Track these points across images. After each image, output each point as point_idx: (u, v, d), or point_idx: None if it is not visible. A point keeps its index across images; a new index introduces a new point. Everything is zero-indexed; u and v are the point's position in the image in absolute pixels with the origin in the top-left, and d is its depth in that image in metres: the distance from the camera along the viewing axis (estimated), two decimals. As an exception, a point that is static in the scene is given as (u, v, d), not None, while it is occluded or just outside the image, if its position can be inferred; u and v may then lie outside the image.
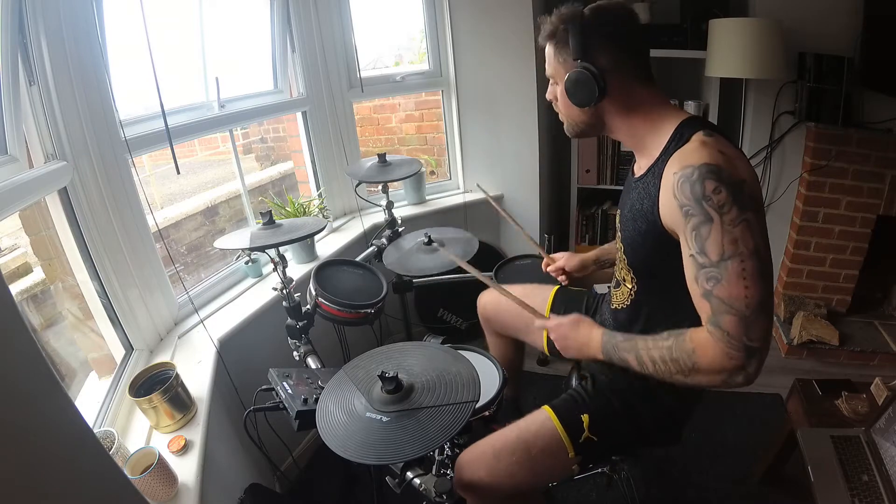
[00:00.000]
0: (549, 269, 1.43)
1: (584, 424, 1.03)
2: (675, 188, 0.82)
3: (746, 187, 0.79)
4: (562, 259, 1.41)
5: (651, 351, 0.89)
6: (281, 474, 1.59)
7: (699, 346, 0.82)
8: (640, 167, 0.97)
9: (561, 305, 1.37)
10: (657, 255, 0.92)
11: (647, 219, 0.91)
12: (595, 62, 0.88)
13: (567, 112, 0.99)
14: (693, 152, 0.82)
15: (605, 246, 1.41)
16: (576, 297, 1.39)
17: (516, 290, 1.48)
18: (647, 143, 0.94)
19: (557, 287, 1.42)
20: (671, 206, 0.83)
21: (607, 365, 1.12)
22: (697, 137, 0.84)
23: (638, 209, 0.93)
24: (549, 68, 0.98)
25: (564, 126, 1.03)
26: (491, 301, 1.51)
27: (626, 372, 1.08)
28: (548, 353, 1.41)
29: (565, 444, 1.03)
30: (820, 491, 1.18)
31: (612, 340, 0.96)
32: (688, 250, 0.83)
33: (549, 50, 0.96)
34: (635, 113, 0.93)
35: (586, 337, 1.01)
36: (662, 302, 1.00)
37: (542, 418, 1.07)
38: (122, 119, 1.29)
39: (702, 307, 0.83)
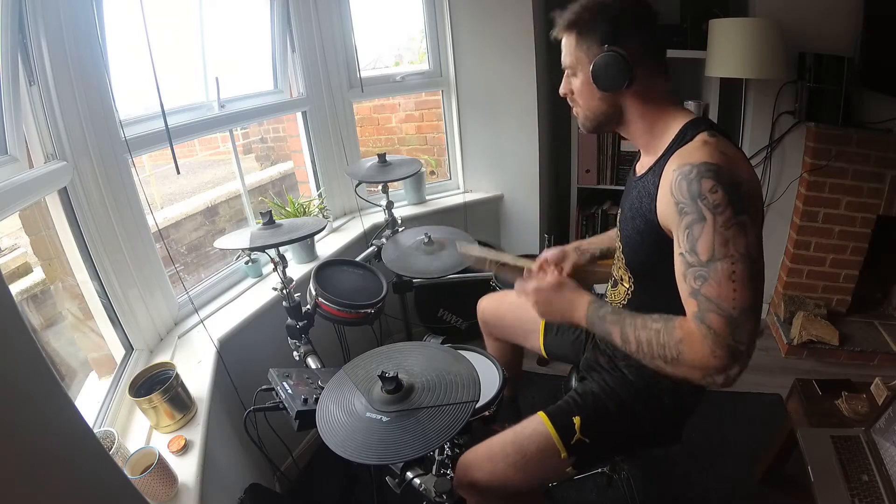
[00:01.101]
0: (536, 266, 1.33)
1: (576, 427, 1.04)
2: (673, 185, 0.82)
3: (745, 189, 0.78)
4: (542, 255, 1.33)
5: (638, 330, 0.86)
6: (281, 474, 1.59)
7: (687, 336, 0.80)
8: (643, 165, 0.97)
9: None
10: (655, 254, 0.92)
11: (644, 217, 0.91)
12: (624, 48, 0.87)
13: (586, 103, 0.96)
14: (694, 151, 0.82)
15: (590, 238, 1.37)
16: None
17: (511, 296, 1.47)
18: (654, 141, 0.94)
19: None
20: (668, 202, 0.83)
21: (606, 368, 1.12)
22: (700, 137, 0.84)
23: (637, 208, 0.93)
24: (569, 58, 0.94)
25: (580, 120, 1.00)
26: (491, 306, 1.51)
27: (624, 374, 1.08)
28: (546, 357, 1.41)
29: (557, 446, 1.04)
30: (820, 491, 1.18)
31: (598, 311, 0.92)
32: (678, 248, 0.82)
33: (568, 40, 0.93)
34: (652, 107, 0.93)
35: (570, 302, 0.96)
36: (659, 302, 0.98)
37: (536, 422, 1.08)
38: (122, 119, 1.29)
39: (688, 305, 0.82)
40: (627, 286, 1.04)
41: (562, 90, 1.00)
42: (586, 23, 0.89)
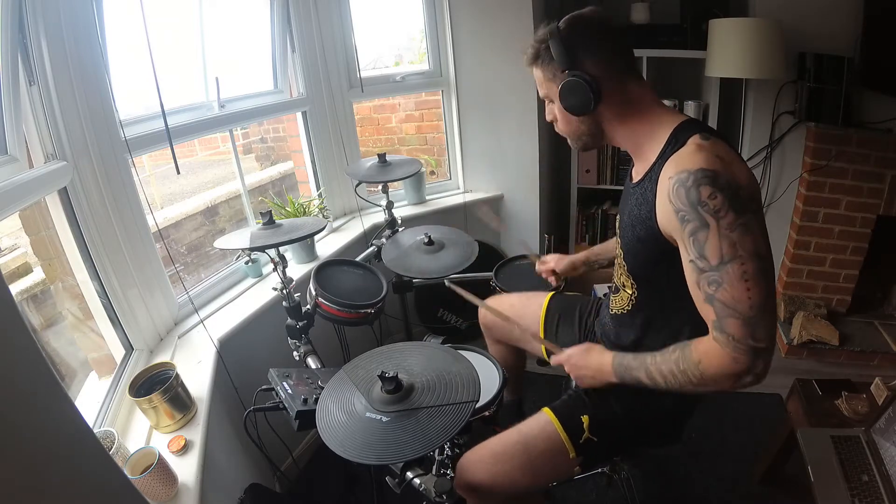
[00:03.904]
0: (539, 269, 1.45)
1: (585, 425, 1.04)
2: (671, 193, 0.81)
3: (743, 191, 0.78)
4: (552, 261, 1.42)
5: (660, 365, 0.89)
6: (281, 474, 1.59)
7: (704, 356, 0.83)
8: (638, 172, 0.97)
9: (555, 312, 1.37)
10: (656, 261, 0.92)
11: (645, 225, 0.90)
12: (583, 68, 0.89)
13: (567, 127, 1.00)
14: (689, 156, 0.81)
15: (595, 248, 1.43)
16: (570, 302, 1.39)
17: (512, 298, 1.48)
18: (643, 146, 0.94)
19: (551, 294, 1.42)
20: (667, 211, 0.83)
21: None
22: (693, 141, 0.83)
23: (636, 215, 0.93)
24: (542, 90, 0.99)
25: (569, 142, 1.03)
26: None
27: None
28: (547, 359, 1.41)
29: (566, 446, 1.03)
30: (820, 491, 1.18)
31: (622, 362, 0.96)
32: (687, 256, 0.82)
33: (536, 73, 0.97)
34: (632, 115, 0.93)
35: (597, 363, 1.01)
36: (662, 308, 1.00)
37: (543, 421, 1.07)
38: (122, 119, 1.29)
39: (706, 312, 0.83)
40: (630, 292, 1.04)
41: (547, 117, 1.03)
42: (545, 52, 0.92)
